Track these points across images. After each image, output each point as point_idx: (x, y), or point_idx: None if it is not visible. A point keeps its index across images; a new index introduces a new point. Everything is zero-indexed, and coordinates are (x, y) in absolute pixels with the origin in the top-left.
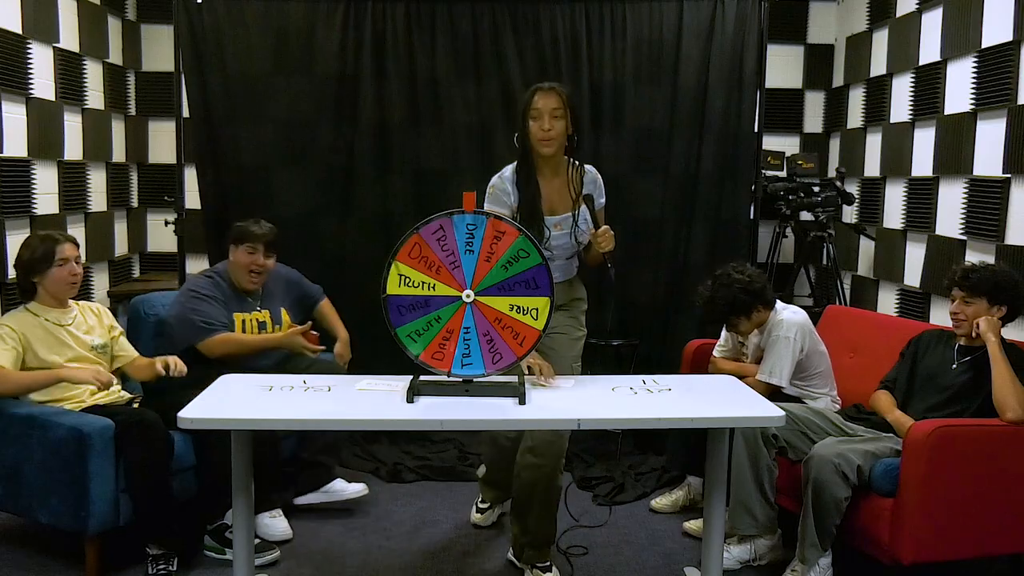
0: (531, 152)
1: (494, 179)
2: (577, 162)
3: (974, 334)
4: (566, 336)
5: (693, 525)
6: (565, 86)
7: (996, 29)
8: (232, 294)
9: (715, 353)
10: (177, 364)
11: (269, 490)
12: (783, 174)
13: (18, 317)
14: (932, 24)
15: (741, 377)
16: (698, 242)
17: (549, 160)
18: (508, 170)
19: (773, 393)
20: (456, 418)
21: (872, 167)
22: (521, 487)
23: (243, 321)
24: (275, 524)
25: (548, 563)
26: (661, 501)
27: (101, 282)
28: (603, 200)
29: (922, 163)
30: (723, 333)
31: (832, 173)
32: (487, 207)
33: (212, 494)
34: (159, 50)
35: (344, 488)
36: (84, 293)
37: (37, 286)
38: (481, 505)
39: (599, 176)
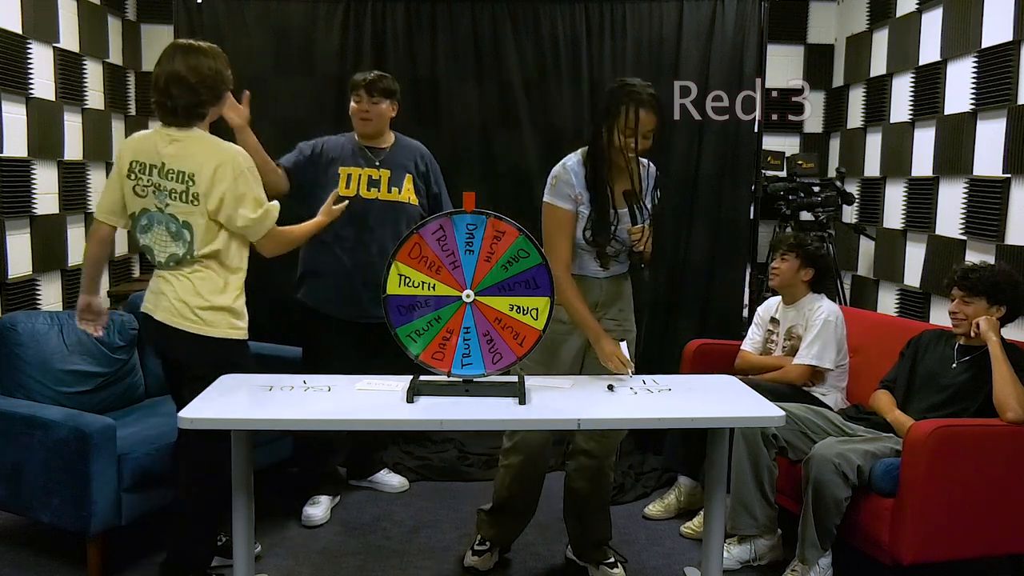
0: (605, 153)
1: (557, 169)
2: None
3: (972, 333)
4: (632, 333)
5: (690, 528)
6: (568, 86)
7: (996, 29)
8: (353, 149)
9: (744, 347)
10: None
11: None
12: (783, 174)
13: None
14: (932, 24)
15: (768, 370)
16: (698, 242)
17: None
18: (572, 160)
19: (780, 395)
20: (456, 418)
21: (872, 167)
22: (574, 489)
23: (348, 176)
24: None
25: (612, 559)
26: (655, 508)
27: (101, 282)
28: (658, 193)
29: (922, 163)
30: (752, 328)
31: (832, 173)
32: (547, 198)
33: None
34: (159, 50)
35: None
36: None
37: None
38: (479, 547)
39: (654, 169)
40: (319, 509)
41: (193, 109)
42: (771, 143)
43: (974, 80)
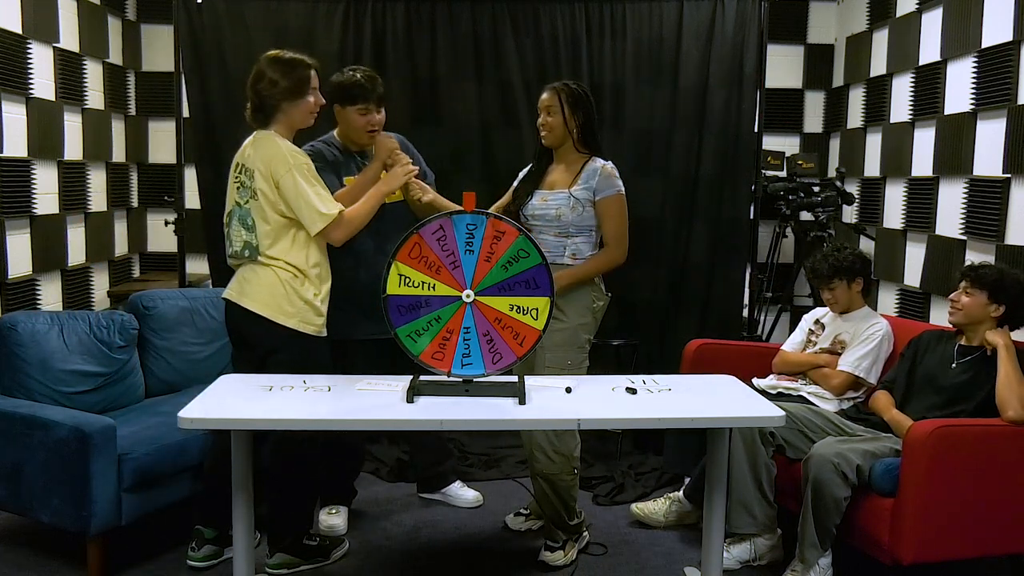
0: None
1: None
2: (596, 158)
3: (985, 336)
4: (562, 332)
5: (641, 509)
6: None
7: (996, 29)
8: (342, 158)
9: (784, 347)
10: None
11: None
12: (783, 174)
13: None
14: (932, 24)
15: (807, 368)
16: (698, 242)
17: (558, 151)
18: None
19: (777, 393)
20: (456, 418)
21: (872, 167)
22: (533, 480)
23: None
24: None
25: (559, 543)
26: (643, 508)
27: (101, 282)
28: (608, 192)
29: (922, 163)
30: (796, 331)
31: (832, 173)
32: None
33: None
34: (159, 50)
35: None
36: (83, 294)
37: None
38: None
39: (601, 170)
40: (341, 518)
41: (254, 113)
42: (771, 143)
43: (974, 80)
